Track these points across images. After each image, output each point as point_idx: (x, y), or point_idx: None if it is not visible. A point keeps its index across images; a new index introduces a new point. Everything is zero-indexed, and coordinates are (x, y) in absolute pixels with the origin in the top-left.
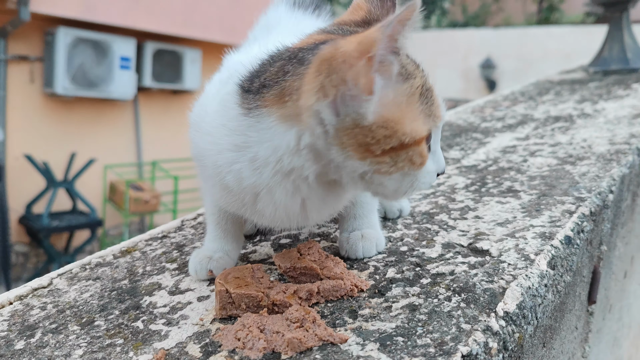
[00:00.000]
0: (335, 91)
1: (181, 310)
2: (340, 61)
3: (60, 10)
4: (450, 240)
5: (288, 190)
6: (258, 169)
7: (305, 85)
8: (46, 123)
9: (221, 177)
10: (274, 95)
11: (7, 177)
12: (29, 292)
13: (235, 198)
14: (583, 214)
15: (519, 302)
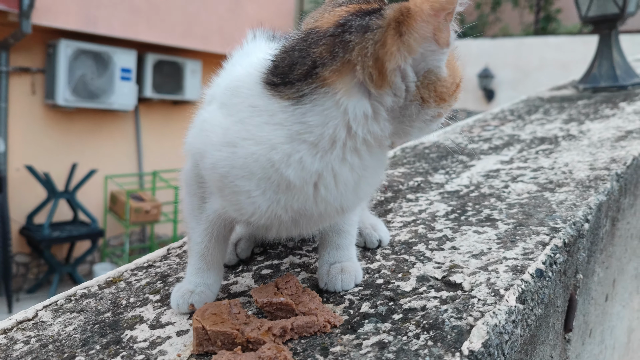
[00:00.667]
0: (418, 48)
1: (160, 345)
2: (420, 19)
3: (61, 22)
4: (425, 273)
5: (353, 165)
6: (322, 152)
7: (387, 47)
8: (47, 134)
9: (279, 174)
10: (335, 71)
11: (9, 187)
12: (14, 325)
13: (293, 195)
14: (556, 245)
15: (485, 341)
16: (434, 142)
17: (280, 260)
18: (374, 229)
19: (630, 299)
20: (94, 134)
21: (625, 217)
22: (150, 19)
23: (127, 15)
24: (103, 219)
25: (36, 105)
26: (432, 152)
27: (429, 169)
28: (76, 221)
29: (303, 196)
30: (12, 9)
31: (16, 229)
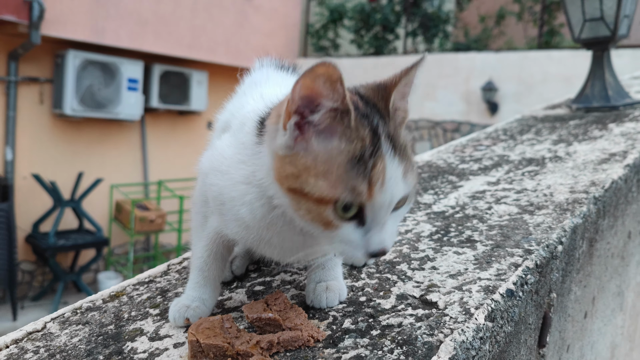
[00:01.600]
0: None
1: (158, 357)
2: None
3: (70, 33)
4: (405, 292)
5: (285, 220)
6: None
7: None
8: (54, 143)
9: (236, 211)
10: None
11: (15, 196)
12: (25, 335)
13: (250, 232)
14: (527, 267)
15: (452, 356)
16: (426, 161)
17: (272, 277)
18: None
19: (612, 315)
20: (100, 143)
21: (605, 238)
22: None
23: (134, 26)
24: (108, 227)
25: (44, 114)
26: (424, 172)
27: (419, 189)
28: (81, 230)
29: (259, 235)
30: (22, 20)
31: (22, 237)
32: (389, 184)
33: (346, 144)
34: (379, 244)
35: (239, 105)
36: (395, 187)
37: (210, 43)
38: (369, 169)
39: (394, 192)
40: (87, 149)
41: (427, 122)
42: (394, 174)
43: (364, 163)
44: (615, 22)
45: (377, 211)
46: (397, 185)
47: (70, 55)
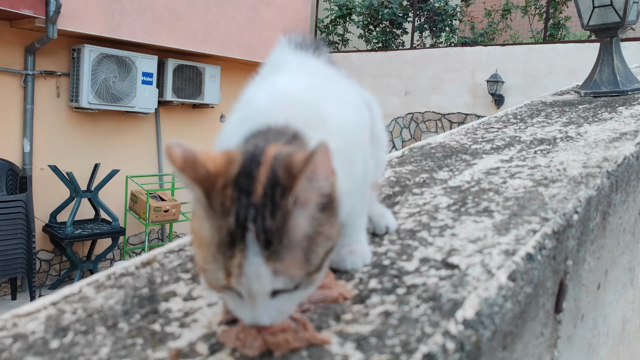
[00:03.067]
0: None
1: (193, 314)
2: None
3: (86, 28)
4: (427, 256)
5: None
6: None
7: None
8: (71, 135)
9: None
10: None
11: (33, 186)
12: (62, 298)
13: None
14: (545, 232)
15: (477, 310)
16: (440, 142)
17: None
18: (382, 217)
19: (624, 290)
20: (115, 135)
21: (617, 212)
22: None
23: (149, 21)
24: (124, 217)
25: (61, 107)
26: (437, 152)
27: (434, 166)
28: (98, 219)
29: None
30: (39, 15)
31: (40, 227)
32: (246, 280)
33: (209, 229)
34: (251, 320)
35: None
36: (255, 283)
37: (222, 38)
38: (226, 259)
39: (252, 288)
40: (103, 141)
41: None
42: (255, 271)
43: (224, 252)
44: (624, 8)
45: (243, 295)
46: (259, 283)
47: (86, 50)
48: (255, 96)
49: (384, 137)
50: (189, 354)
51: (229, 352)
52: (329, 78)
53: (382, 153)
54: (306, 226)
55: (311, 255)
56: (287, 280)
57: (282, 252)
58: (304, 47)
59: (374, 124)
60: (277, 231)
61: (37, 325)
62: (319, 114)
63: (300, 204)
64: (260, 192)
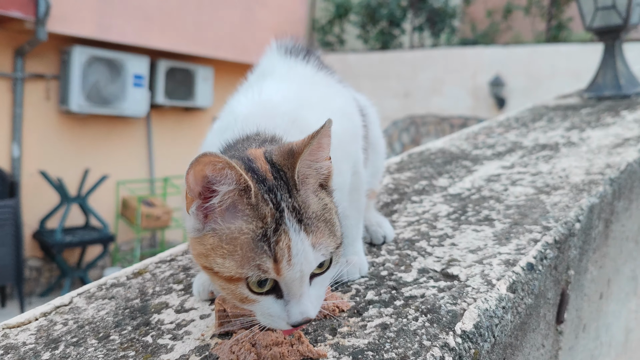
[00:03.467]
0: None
1: (185, 327)
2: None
3: (75, 29)
4: (426, 266)
5: None
6: None
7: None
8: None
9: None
10: None
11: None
12: (52, 309)
13: None
14: (547, 242)
15: (476, 322)
16: (439, 148)
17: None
18: (380, 226)
19: (627, 299)
20: (106, 139)
21: (620, 220)
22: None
23: (140, 22)
24: (114, 224)
25: (50, 111)
26: (437, 157)
27: (434, 173)
28: (88, 226)
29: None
30: (28, 17)
31: (29, 234)
32: (296, 259)
33: (248, 223)
34: (299, 315)
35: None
36: (304, 261)
37: (215, 39)
38: (272, 246)
39: (303, 267)
40: (93, 146)
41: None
42: (301, 248)
43: (267, 240)
44: (627, 10)
45: (290, 285)
46: (306, 259)
47: (76, 52)
48: (238, 104)
49: (382, 143)
50: None
51: None
52: (316, 85)
53: (379, 160)
54: (317, 201)
55: (333, 228)
56: (325, 251)
57: (313, 225)
58: (293, 53)
59: (369, 130)
60: (302, 206)
61: (28, 337)
62: (297, 123)
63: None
64: (272, 177)
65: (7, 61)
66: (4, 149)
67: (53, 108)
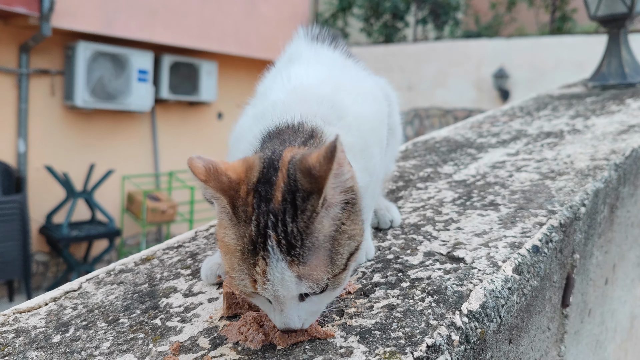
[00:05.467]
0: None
1: (194, 310)
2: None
3: (80, 25)
4: (432, 249)
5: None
6: None
7: None
8: (66, 135)
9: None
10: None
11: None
12: (62, 294)
13: None
14: (552, 225)
15: (482, 302)
16: (444, 137)
17: None
18: (388, 211)
19: (632, 285)
20: (111, 134)
21: (625, 206)
22: (167, 21)
23: (144, 17)
24: (120, 218)
25: (55, 106)
26: (442, 146)
27: (439, 161)
28: (94, 221)
29: None
30: (33, 12)
31: (36, 228)
32: (271, 285)
33: (233, 237)
34: (281, 324)
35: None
36: (281, 288)
37: (219, 33)
38: (249, 268)
39: (278, 293)
40: (98, 141)
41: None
42: (279, 277)
43: (246, 260)
44: None
45: (271, 300)
46: (284, 287)
47: (80, 47)
48: (270, 90)
49: (399, 130)
50: (191, 348)
51: (231, 346)
52: (346, 69)
53: (396, 145)
54: (329, 227)
55: (335, 257)
56: (312, 284)
57: (305, 256)
58: (320, 39)
59: (390, 116)
60: (300, 235)
61: (38, 321)
62: (335, 108)
63: (327, 204)
64: (280, 198)
65: (12, 57)
66: (10, 144)
67: (58, 103)
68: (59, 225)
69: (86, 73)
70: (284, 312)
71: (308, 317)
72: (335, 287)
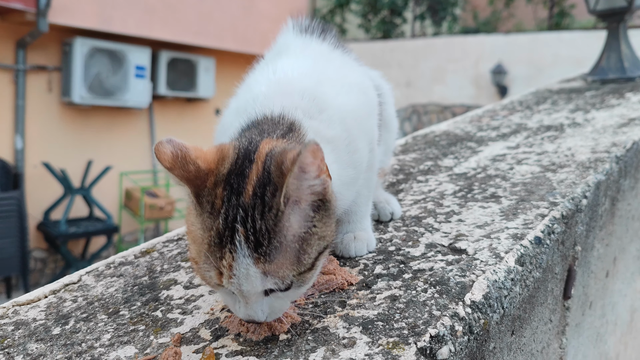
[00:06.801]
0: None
1: (194, 302)
2: None
3: (77, 21)
4: (433, 241)
5: None
6: None
7: None
8: (64, 131)
9: None
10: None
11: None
12: (62, 287)
13: None
14: (554, 217)
15: (485, 293)
16: (444, 131)
17: None
18: (388, 203)
19: (632, 278)
20: (109, 131)
21: (626, 198)
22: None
23: (141, 13)
24: (118, 215)
25: (53, 102)
26: (442, 139)
27: (439, 154)
28: (92, 217)
29: None
30: (30, 8)
31: (33, 225)
32: (237, 280)
33: (199, 227)
34: (245, 316)
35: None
36: (245, 282)
37: (217, 29)
38: (216, 260)
39: (243, 287)
40: (96, 137)
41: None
42: (244, 272)
43: (213, 253)
44: None
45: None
46: (249, 282)
47: (77, 43)
48: (254, 83)
49: (395, 122)
50: (192, 340)
51: (232, 338)
52: (332, 61)
53: (391, 138)
54: (298, 226)
55: (303, 256)
56: (277, 281)
57: (272, 254)
58: (309, 31)
59: (383, 107)
60: (267, 232)
61: (38, 313)
62: (317, 101)
63: (292, 203)
64: (251, 192)
65: (9, 53)
66: (7, 141)
67: (55, 100)
68: (56, 222)
69: (83, 69)
70: (248, 305)
71: (272, 312)
72: (301, 285)
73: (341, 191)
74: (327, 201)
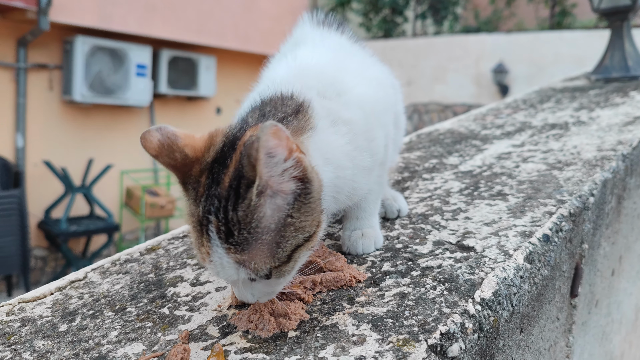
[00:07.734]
0: None
1: (201, 299)
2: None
3: (78, 19)
4: (441, 239)
5: None
6: None
7: None
8: (64, 130)
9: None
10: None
11: (27, 182)
12: (67, 284)
13: None
14: (562, 214)
15: (495, 290)
16: (448, 129)
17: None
18: (395, 200)
19: (638, 277)
20: (110, 129)
21: (632, 197)
22: (165, 15)
23: (142, 11)
24: (119, 213)
25: (54, 101)
26: (446, 137)
27: (444, 152)
28: (92, 216)
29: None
30: (31, 6)
31: (34, 223)
32: (214, 266)
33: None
34: (238, 296)
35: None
36: (222, 271)
37: (218, 28)
38: (198, 245)
39: (221, 275)
40: (96, 135)
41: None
42: (218, 261)
43: (198, 238)
44: None
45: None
46: (225, 271)
47: (78, 42)
48: (274, 71)
49: (403, 119)
50: (201, 337)
51: (241, 335)
52: (353, 54)
53: (399, 136)
54: (271, 218)
55: (276, 249)
56: (251, 272)
57: (243, 245)
58: (327, 24)
59: (396, 106)
60: (239, 223)
61: (44, 310)
62: (336, 85)
63: (267, 194)
64: (227, 184)
65: (10, 51)
66: (8, 139)
67: (56, 98)
68: (57, 220)
69: (84, 67)
70: (237, 288)
71: (262, 295)
72: (280, 277)
73: (355, 178)
74: (307, 182)
